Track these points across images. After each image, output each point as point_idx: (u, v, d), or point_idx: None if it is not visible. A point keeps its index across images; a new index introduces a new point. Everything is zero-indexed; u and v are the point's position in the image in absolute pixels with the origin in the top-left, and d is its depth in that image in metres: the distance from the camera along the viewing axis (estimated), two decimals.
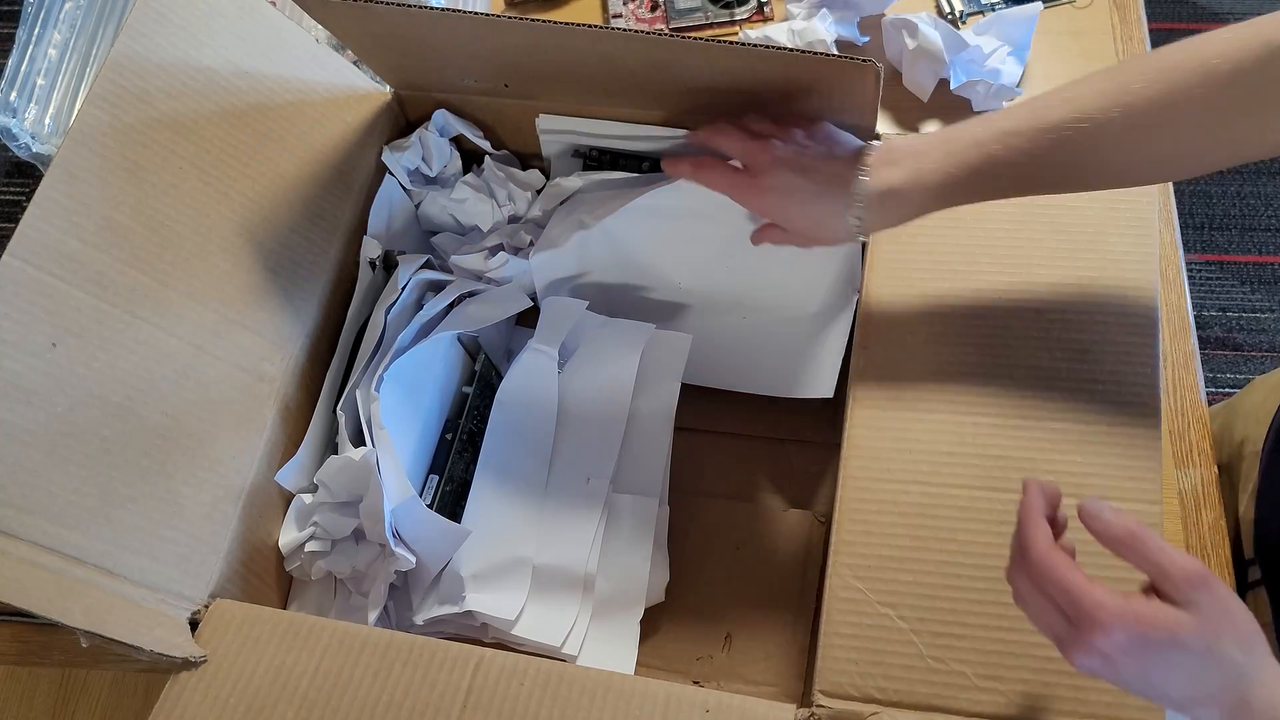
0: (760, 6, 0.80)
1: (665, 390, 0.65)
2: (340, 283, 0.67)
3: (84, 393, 0.53)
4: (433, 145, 0.69)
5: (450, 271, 0.70)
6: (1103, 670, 0.39)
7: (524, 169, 0.71)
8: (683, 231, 0.66)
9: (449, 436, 0.65)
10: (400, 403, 0.62)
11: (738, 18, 0.80)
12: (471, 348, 0.68)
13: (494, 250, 0.69)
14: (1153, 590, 0.40)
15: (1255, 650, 0.39)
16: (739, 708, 0.48)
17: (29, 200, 0.53)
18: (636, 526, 0.62)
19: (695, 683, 0.59)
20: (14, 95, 0.78)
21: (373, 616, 0.59)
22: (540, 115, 0.66)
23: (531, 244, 0.69)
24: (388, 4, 0.53)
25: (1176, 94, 0.46)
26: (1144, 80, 0.46)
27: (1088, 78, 0.49)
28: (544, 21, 0.53)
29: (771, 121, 0.57)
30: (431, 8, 0.71)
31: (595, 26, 0.54)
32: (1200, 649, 0.38)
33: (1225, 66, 0.44)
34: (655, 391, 0.66)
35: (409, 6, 0.54)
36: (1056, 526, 0.43)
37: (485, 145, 0.70)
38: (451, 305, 0.67)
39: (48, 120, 0.79)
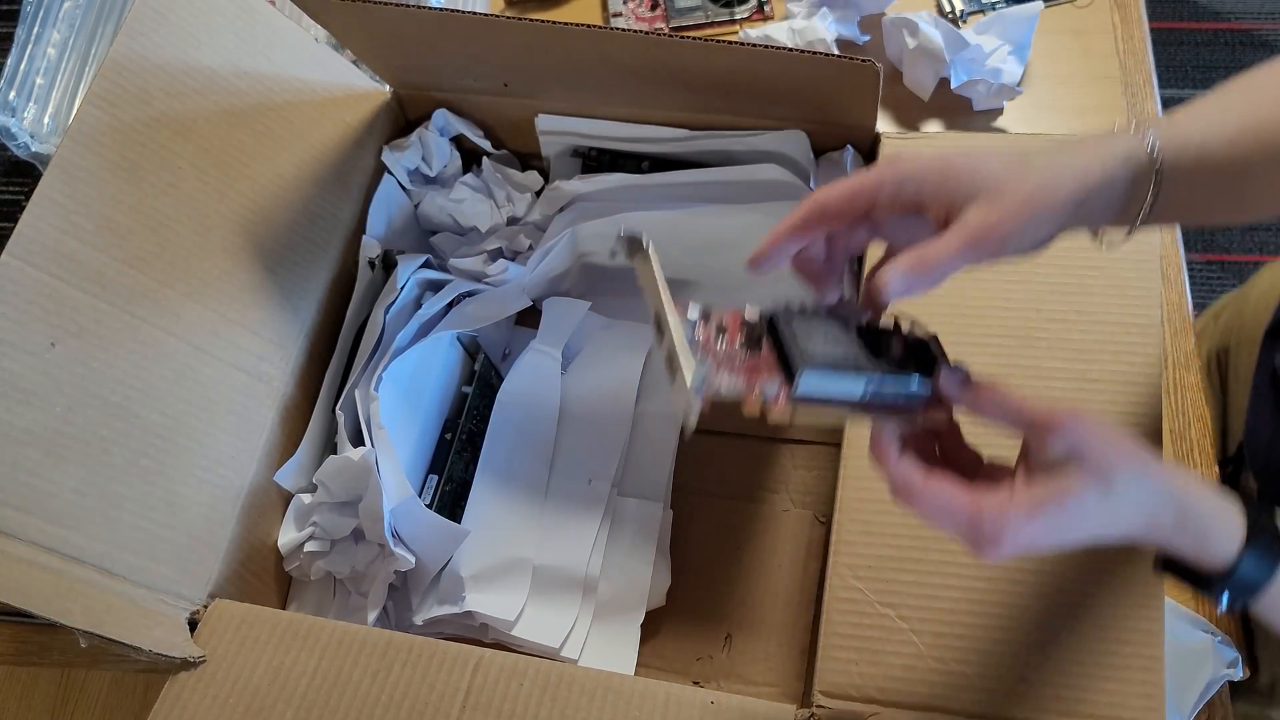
0: (760, 5, 0.80)
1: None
2: (339, 282, 0.67)
3: (83, 392, 0.53)
4: (432, 145, 0.69)
5: (449, 271, 0.70)
6: (1023, 555, 0.38)
7: (524, 169, 0.71)
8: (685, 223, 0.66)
9: (448, 436, 0.65)
10: (399, 402, 0.62)
11: (738, 16, 0.80)
12: (471, 347, 0.68)
13: (493, 255, 0.69)
14: (1027, 466, 0.38)
15: (1146, 470, 0.38)
16: (739, 708, 0.48)
17: (28, 200, 0.53)
18: (640, 531, 0.62)
19: (695, 683, 0.59)
20: (13, 94, 0.78)
21: (372, 617, 0.59)
22: (539, 115, 0.66)
23: (531, 248, 0.69)
24: (386, 4, 0.53)
25: None
26: None
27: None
28: (543, 22, 0.53)
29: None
30: (430, 8, 0.71)
31: (594, 27, 0.54)
32: (1097, 498, 0.36)
33: None
34: (662, 395, 0.65)
35: (408, 7, 0.54)
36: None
37: (485, 145, 0.70)
38: (451, 305, 0.67)
39: (47, 119, 0.79)
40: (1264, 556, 0.38)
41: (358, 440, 0.61)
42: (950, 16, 0.77)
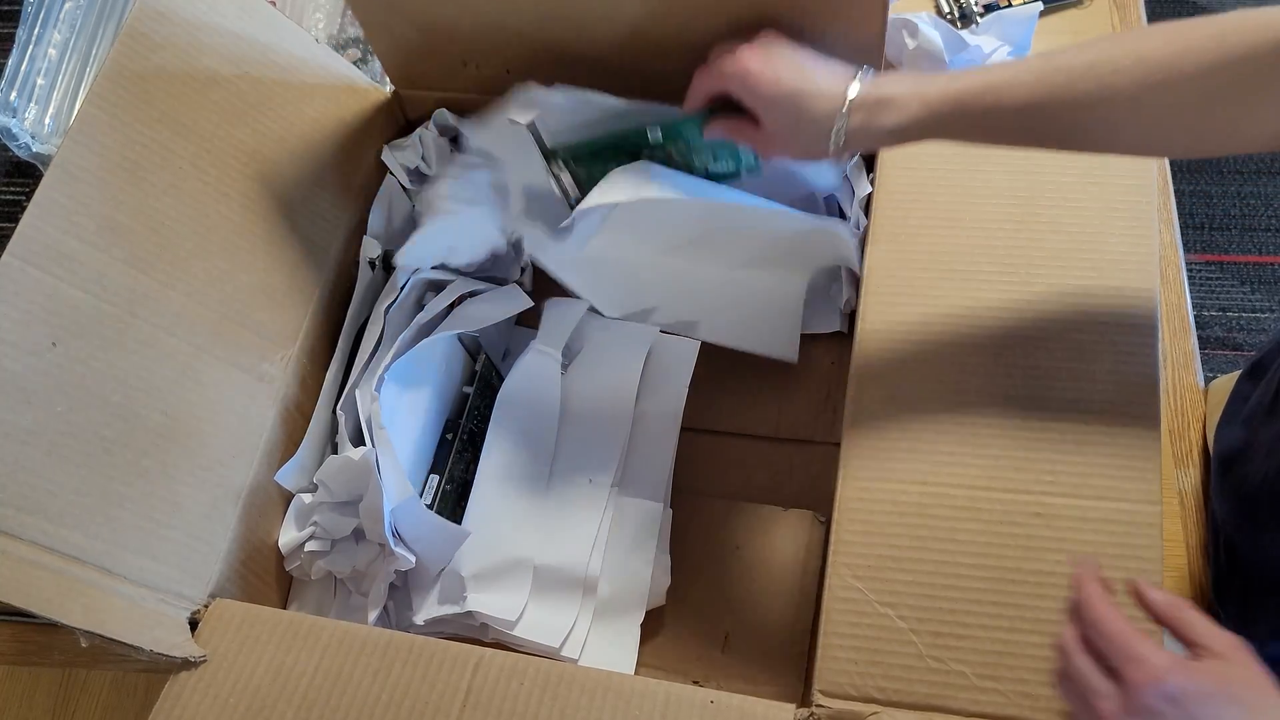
0: None
1: (672, 394, 0.65)
2: (340, 282, 0.67)
3: (84, 392, 0.53)
4: (432, 145, 0.69)
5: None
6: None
7: None
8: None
9: (449, 436, 0.65)
10: (400, 402, 0.62)
11: None
12: (472, 348, 0.68)
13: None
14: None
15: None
16: (739, 708, 0.48)
17: (29, 200, 0.53)
18: (640, 531, 0.62)
19: (695, 683, 0.59)
20: (14, 95, 0.78)
21: (373, 616, 0.59)
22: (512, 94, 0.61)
23: None
24: None
25: (1189, 61, 0.44)
26: (1163, 41, 0.45)
27: (1108, 35, 0.48)
28: None
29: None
30: None
31: None
32: (1250, 702, 0.37)
33: (1240, 47, 0.43)
34: (662, 395, 0.66)
35: None
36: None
37: None
38: (452, 305, 0.67)
39: (48, 120, 0.79)
40: None
41: (358, 440, 0.61)
42: (949, 17, 0.77)
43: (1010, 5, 0.75)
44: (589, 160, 0.60)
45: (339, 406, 0.64)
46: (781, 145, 0.54)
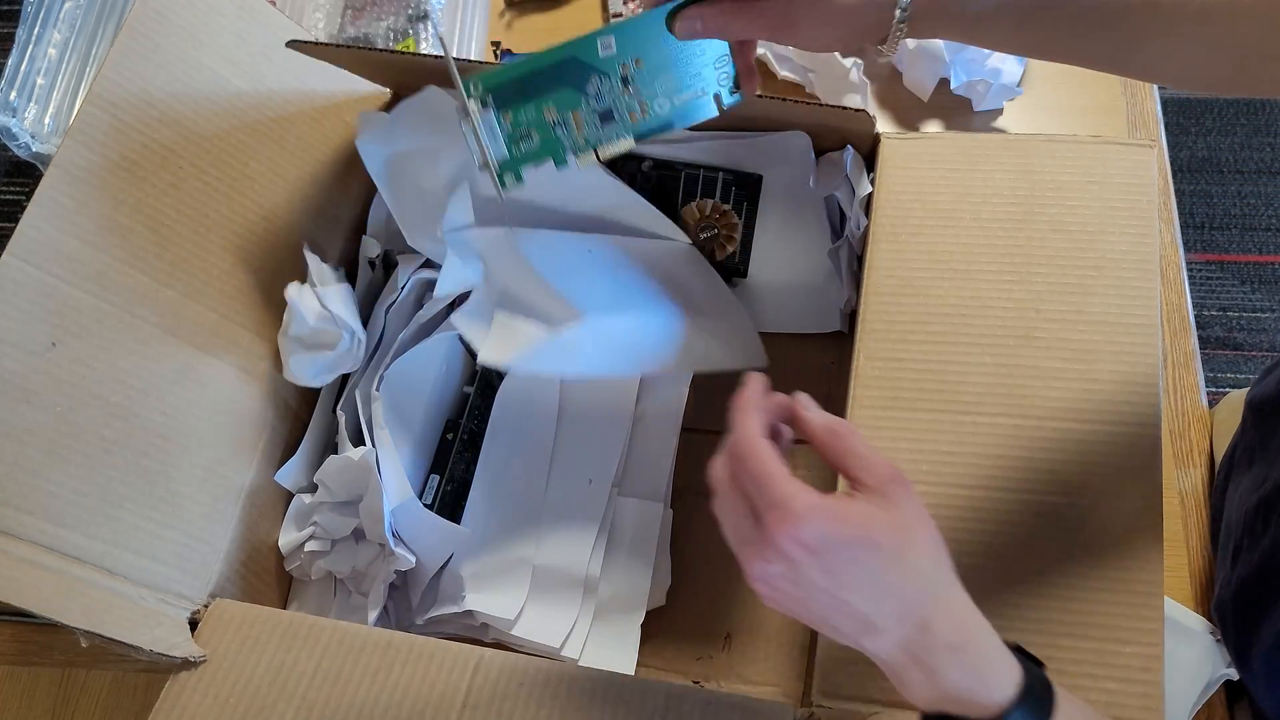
0: None
1: (673, 395, 0.65)
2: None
3: (83, 392, 0.53)
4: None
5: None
6: (782, 581, 0.35)
7: None
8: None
9: (450, 436, 0.65)
10: (401, 402, 0.62)
11: None
12: (472, 347, 0.68)
13: None
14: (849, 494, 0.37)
15: (942, 564, 0.37)
16: (739, 707, 0.48)
17: (29, 200, 0.53)
18: (641, 531, 0.62)
19: (695, 683, 0.59)
20: (14, 95, 0.78)
21: (372, 616, 0.59)
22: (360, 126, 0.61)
23: None
24: (387, 51, 0.53)
25: None
26: None
27: None
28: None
29: None
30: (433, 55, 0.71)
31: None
32: (892, 550, 0.35)
33: None
34: (662, 395, 0.65)
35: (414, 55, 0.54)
36: (780, 440, 0.40)
37: None
38: (452, 305, 0.67)
39: (47, 120, 0.79)
40: (1035, 716, 0.36)
41: (358, 440, 0.61)
42: None
43: None
44: (516, 98, 0.44)
45: (339, 406, 0.64)
46: (808, 26, 0.41)
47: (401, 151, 0.61)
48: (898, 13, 0.40)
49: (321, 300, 0.60)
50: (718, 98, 0.46)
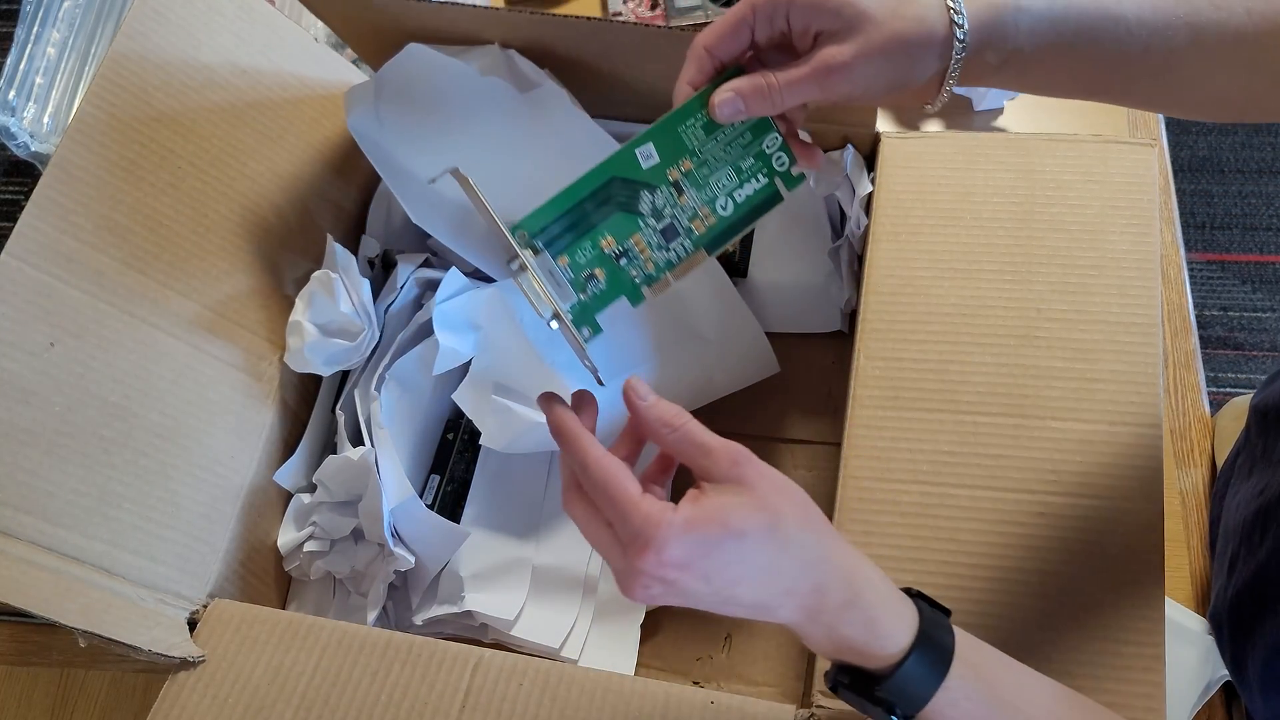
0: None
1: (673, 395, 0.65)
2: None
3: (82, 392, 0.53)
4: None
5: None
6: (667, 597, 0.35)
7: None
8: None
9: (450, 436, 0.65)
10: (401, 402, 0.62)
11: None
12: None
13: None
14: (699, 488, 0.36)
15: (815, 526, 0.36)
16: (739, 708, 0.47)
17: (27, 199, 0.53)
18: None
19: (695, 683, 0.59)
20: (13, 94, 0.78)
21: (372, 616, 0.59)
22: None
23: None
24: None
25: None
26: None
27: None
28: (544, 14, 0.52)
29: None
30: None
31: (595, 19, 0.54)
32: (760, 534, 0.34)
33: None
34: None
35: None
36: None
37: None
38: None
39: (46, 119, 0.79)
40: (932, 662, 0.36)
41: (357, 440, 0.61)
42: None
43: None
44: (567, 236, 0.40)
45: (338, 406, 0.64)
46: (859, 65, 0.37)
47: (392, 128, 0.60)
48: (956, 45, 0.38)
49: (350, 291, 0.60)
50: (781, 180, 0.42)
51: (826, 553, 0.36)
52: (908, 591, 0.39)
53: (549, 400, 0.38)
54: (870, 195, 0.61)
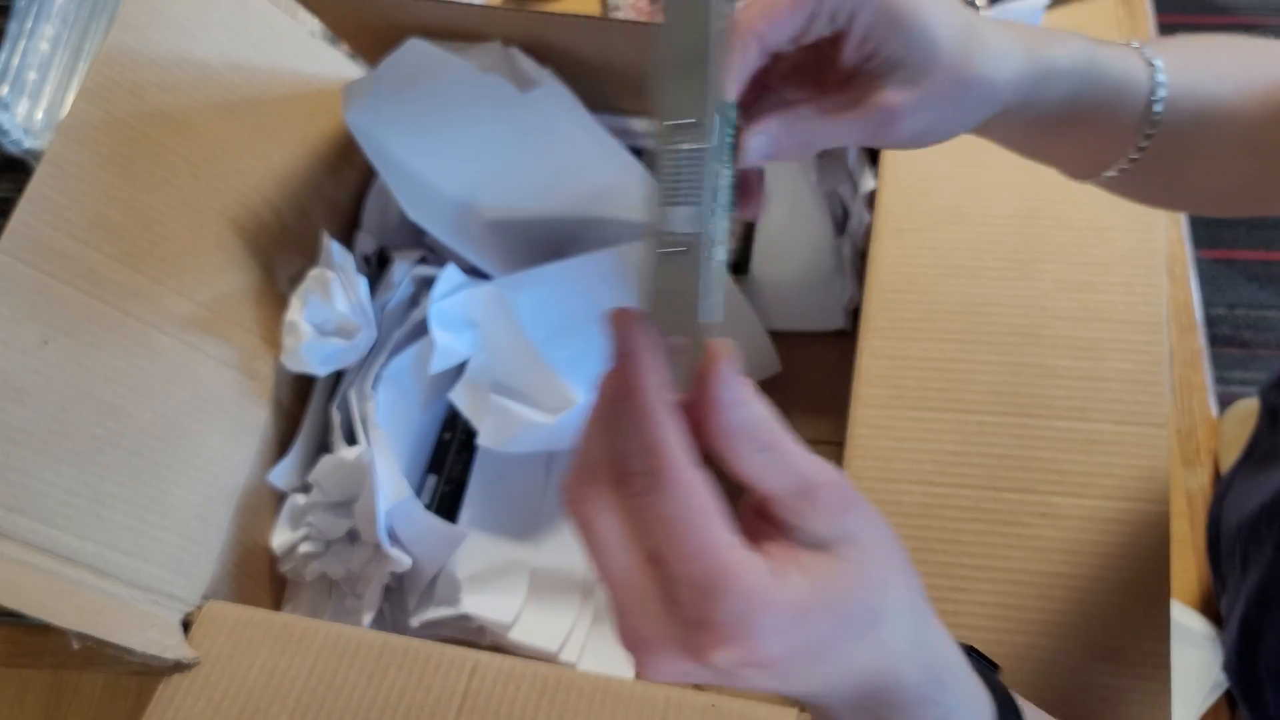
0: None
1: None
2: None
3: (75, 391, 0.52)
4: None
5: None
6: (701, 679, 0.24)
7: None
8: None
9: (447, 436, 0.64)
10: (397, 402, 0.62)
11: None
12: None
13: None
14: (782, 531, 0.26)
15: (918, 602, 0.28)
16: (739, 710, 0.47)
17: (20, 196, 0.52)
18: None
19: (696, 687, 0.59)
20: (5, 89, 0.78)
21: (367, 619, 0.59)
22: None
23: None
24: None
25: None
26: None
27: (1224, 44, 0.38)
28: (541, 11, 0.52)
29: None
30: None
31: (594, 18, 0.53)
32: (863, 622, 0.25)
33: None
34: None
35: None
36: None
37: None
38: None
39: (39, 115, 0.78)
40: None
41: (352, 440, 0.60)
42: None
43: None
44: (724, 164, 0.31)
45: (333, 405, 0.63)
46: (924, 117, 0.33)
47: (391, 124, 0.60)
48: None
49: (347, 289, 0.59)
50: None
51: (921, 638, 0.27)
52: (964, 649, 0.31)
53: (624, 322, 0.25)
54: (873, 192, 0.61)
